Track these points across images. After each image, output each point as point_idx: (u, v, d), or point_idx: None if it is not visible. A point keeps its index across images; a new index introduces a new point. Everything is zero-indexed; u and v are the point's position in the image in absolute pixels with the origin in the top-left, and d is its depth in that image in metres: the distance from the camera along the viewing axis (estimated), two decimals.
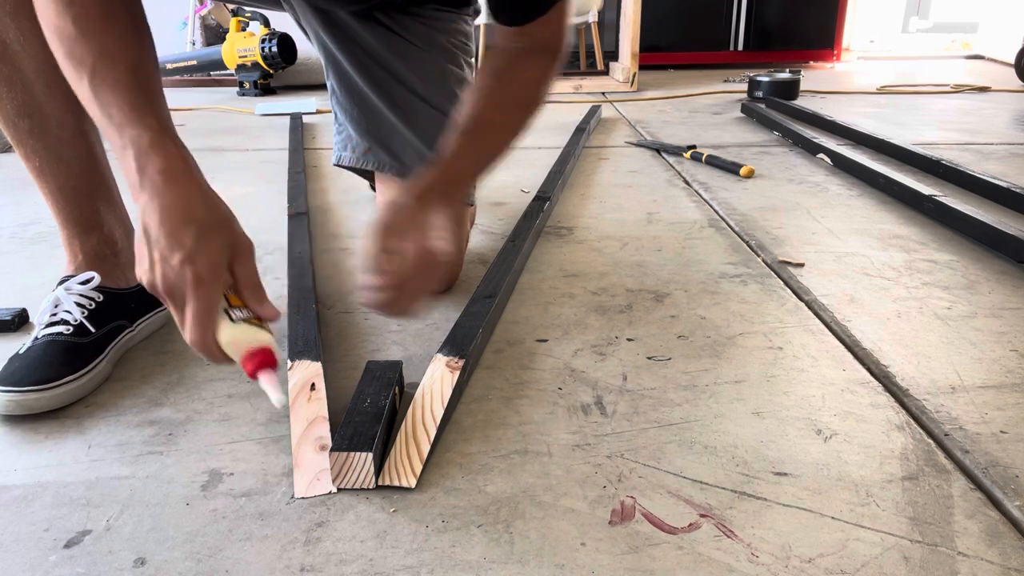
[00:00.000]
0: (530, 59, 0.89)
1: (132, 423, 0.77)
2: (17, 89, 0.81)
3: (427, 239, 0.72)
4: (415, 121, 1.09)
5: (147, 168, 0.65)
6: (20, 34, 0.79)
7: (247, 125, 2.57)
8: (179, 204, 0.64)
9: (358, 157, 1.11)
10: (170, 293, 0.63)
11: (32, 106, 0.82)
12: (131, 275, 0.94)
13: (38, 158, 0.85)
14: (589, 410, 0.78)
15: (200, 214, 0.65)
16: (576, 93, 3.25)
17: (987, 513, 0.62)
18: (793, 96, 2.82)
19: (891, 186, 1.56)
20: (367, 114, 1.12)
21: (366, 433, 0.67)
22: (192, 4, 3.84)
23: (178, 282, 0.63)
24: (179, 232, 0.63)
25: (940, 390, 0.82)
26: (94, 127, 0.90)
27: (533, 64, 0.89)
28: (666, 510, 0.63)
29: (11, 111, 0.82)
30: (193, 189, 0.66)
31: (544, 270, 1.18)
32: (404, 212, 0.74)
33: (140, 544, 0.60)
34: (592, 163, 1.91)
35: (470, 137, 0.84)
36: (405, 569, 0.57)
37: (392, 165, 1.08)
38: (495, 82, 0.88)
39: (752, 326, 0.97)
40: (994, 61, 4.30)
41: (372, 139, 1.10)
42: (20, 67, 0.81)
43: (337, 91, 1.15)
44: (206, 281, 0.63)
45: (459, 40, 1.16)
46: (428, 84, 1.10)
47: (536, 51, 0.89)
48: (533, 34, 0.87)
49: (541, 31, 0.87)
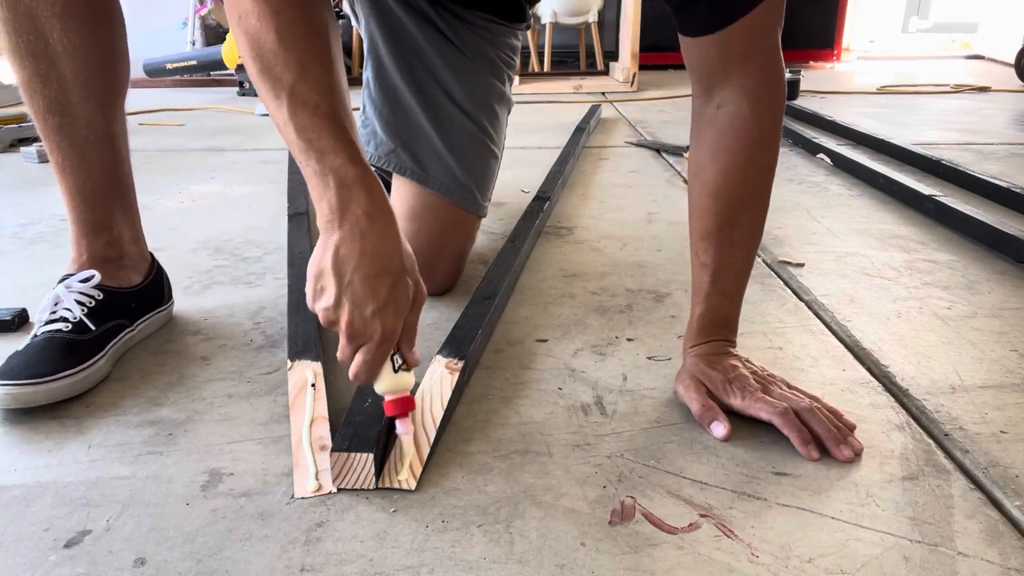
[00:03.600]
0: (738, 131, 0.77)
1: (132, 423, 0.77)
2: (52, 87, 0.82)
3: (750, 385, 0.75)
4: (447, 126, 1.07)
5: (350, 205, 0.64)
6: (64, 35, 0.80)
7: (247, 125, 2.57)
8: (380, 251, 0.64)
9: (380, 156, 1.09)
10: (352, 337, 0.64)
11: (64, 105, 0.83)
12: (134, 277, 0.94)
13: (61, 155, 0.86)
14: (589, 410, 0.78)
15: (397, 265, 0.65)
16: (576, 93, 3.25)
17: (987, 513, 0.62)
18: (793, 96, 2.82)
19: (891, 186, 1.56)
20: (397, 113, 1.09)
21: (366, 434, 0.67)
22: (192, 4, 3.85)
23: (365, 331, 0.63)
24: (376, 282, 0.63)
25: (940, 390, 0.82)
26: (123, 130, 0.90)
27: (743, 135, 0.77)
28: (666, 510, 0.63)
29: (42, 107, 0.83)
30: (393, 237, 0.66)
31: (544, 270, 1.18)
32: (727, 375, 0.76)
33: (140, 544, 0.60)
34: (592, 163, 1.91)
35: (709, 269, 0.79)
36: (405, 569, 0.57)
37: (414, 171, 1.07)
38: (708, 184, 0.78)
39: (752, 326, 0.97)
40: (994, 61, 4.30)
41: (398, 140, 1.08)
42: (59, 66, 0.81)
43: (371, 85, 1.11)
44: (390, 337, 0.64)
45: (506, 54, 1.15)
46: (467, 92, 1.09)
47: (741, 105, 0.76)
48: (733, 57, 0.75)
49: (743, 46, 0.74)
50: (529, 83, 3.55)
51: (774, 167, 0.80)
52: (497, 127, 1.13)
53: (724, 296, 0.80)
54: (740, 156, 0.77)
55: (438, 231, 1.06)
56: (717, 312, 0.80)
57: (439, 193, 1.06)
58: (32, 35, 0.80)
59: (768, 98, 0.77)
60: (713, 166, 0.78)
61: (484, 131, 1.10)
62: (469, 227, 1.11)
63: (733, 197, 0.78)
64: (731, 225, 0.78)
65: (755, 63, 0.76)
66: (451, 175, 1.06)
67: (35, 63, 0.81)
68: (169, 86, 3.58)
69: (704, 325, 0.80)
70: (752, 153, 0.77)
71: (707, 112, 0.79)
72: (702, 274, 0.80)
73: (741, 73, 0.76)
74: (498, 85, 1.14)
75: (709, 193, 0.78)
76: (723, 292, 0.80)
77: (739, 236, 0.79)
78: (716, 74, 0.77)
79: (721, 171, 0.78)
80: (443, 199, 1.06)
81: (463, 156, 1.07)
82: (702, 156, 0.79)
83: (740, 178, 0.78)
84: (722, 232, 0.78)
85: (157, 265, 0.99)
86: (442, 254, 1.07)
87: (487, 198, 1.12)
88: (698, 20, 0.76)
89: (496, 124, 1.13)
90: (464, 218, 1.08)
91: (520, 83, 3.57)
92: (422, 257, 1.06)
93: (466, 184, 1.07)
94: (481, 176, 1.09)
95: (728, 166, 0.77)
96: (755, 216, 0.80)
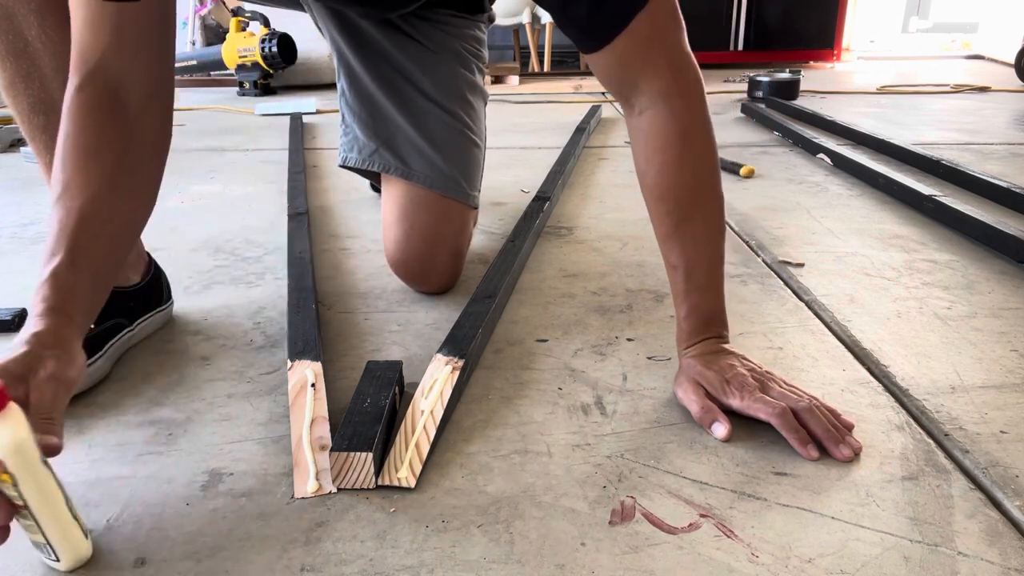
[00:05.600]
0: (666, 139, 0.79)
1: (132, 423, 0.77)
2: (35, 85, 0.82)
3: (748, 384, 0.75)
4: (423, 122, 1.09)
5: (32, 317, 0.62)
6: (43, 32, 0.80)
7: (247, 125, 2.57)
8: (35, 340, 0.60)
9: (364, 158, 1.11)
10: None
11: (48, 103, 0.83)
12: (132, 276, 0.94)
13: (50, 155, 0.86)
14: (589, 410, 0.78)
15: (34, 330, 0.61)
16: (576, 93, 3.25)
17: (987, 513, 0.62)
18: (793, 96, 2.82)
19: (891, 186, 1.56)
20: (375, 115, 1.11)
21: (366, 433, 0.67)
22: (192, 4, 3.85)
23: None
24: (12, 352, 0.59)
25: (940, 390, 0.82)
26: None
27: (671, 144, 0.79)
28: (666, 510, 0.63)
29: (27, 107, 0.83)
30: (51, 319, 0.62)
31: (544, 270, 1.18)
32: (714, 370, 0.77)
33: (140, 544, 0.60)
34: (592, 163, 1.91)
35: (680, 270, 0.80)
36: (405, 569, 0.57)
37: (398, 167, 1.08)
38: (652, 192, 0.81)
39: (752, 326, 0.97)
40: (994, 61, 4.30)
41: (379, 140, 1.10)
42: (39, 64, 0.81)
43: (347, 92, 1.14)
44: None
45: (472, 46, 1.16)
46: (439, 86, 1.10)
47: (662, 114, 0.78)
48: (633, 66, 0.77)
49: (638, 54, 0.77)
50: (529, 83, 3.55)
51: (711, 157, 0.81)
52: (474, 116, 1.14)
53: (702, 292, 0.81)
54: (671, 154, 0.79)
55: (430, 226, 1.06)
56: (700, 309, 0.81)
57: (425, 186, 1.07)
58: (11, 34, 0.79)
59: (681, 94, 0.78)
60: (650, 170, 0.80)
61: (461, 121, 1.11)
62: (461, 219, 1.10)
63: (679, 195, 0.80)
64: (688, 221, 0.79)
65: (657, 66, 0.78)
66: (434, 167, 1.07)
67: (16, 63, 0.81)
68: None
69: (692, 325, 0.81)
70: (681, 150, 0.79)
71: (632, 121, 0.82)
72: (675, 276, 0.81)
73: (647, 79, 0.78)
74: (468, 76, 1.14)
75: (656, 197, 0.81)
76: (700, 288, 0.81)
77: (699, 231, 0.80)
78: (625, 85, 0.80)
79: (659, 173, 0.80)
80: (430, 192, 1.07)
81: (443, 147, 1.08)
82: (640, 163, 0.82)
83: (678, 176, 0.79)
84: (681, 230, 0.80)
85: (156, 265, 0.99)
86: (438, 250, 1.07)
87: (475, 187, 1.12)
88: (584, 37, 0.79)
89: (472, 114, 1.13)
90: (454, 209, 1.08)
91: (520, 83, 3.57)
92: (418, 257, 1.08)
93: (450, 174, 1.08)
94: (465, 165, 1.10)
95: (663, 167, 0.79)
96: (709, 209, 0.81)
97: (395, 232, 1.07)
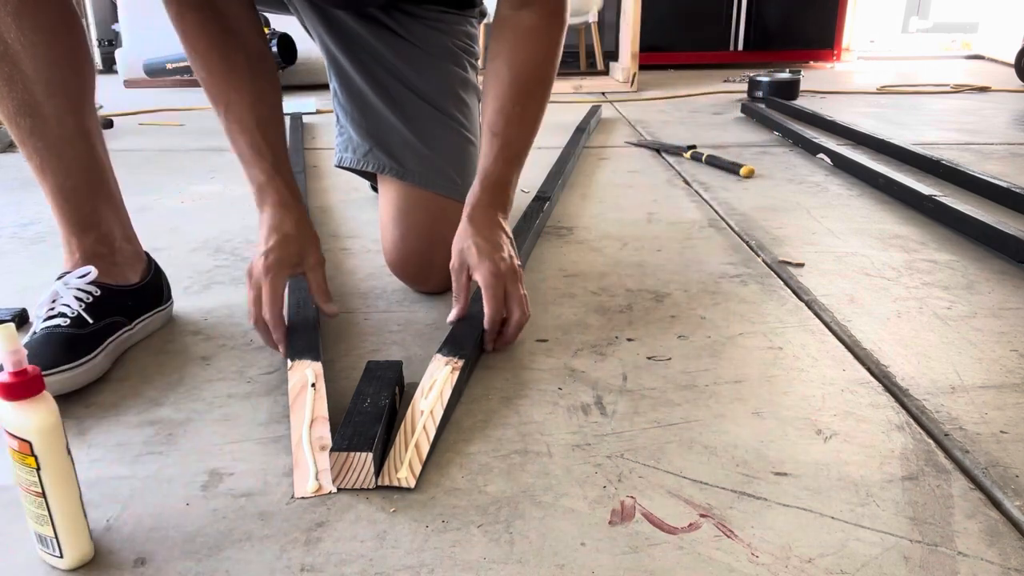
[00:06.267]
0: (536, 34, 0.93)
1: (132, 423, 0.77)
2: (18, 88, 0.81)
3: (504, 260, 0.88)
4: (415, 120, 1.09)
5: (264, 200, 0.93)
6: (21, 34, 0.79)
7: None
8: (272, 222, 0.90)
9: (359, 159, 1.11)
10: (248, 275, 0.87)
11: (32, 105, 0.82)
12: (130, 275, 0.94)
13: (39, 157, 0.85)
14: (589, 410, 0.78)
15: (286, 229, 0.90)
16: (576, 93, 3.25)
17: (987, 513, 0.62)
18: (793, 96, 2.82)
19: (891, 186, 1.56)
20: (367, 114, 1.12)
21: (366, 433, 0.67)
22: None
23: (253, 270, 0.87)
24: (268, 237, 0.89)
25: (940, 390, 0.82)
26: (96, 127, 0.90)
27: (540, 38, 0.94)
28: (666, 510, 0.63)
29: (12, 110, 0.82)
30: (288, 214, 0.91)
31: (544, 270, 1.18)
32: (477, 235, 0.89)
33: (140, 544, 0.60)
34: (592, 163, 1.91)
35: (500, 138, 0.92)
36: (405, 569, 0.57)
37: (392, 167, 1.08)
38: (507, 70, 0.93)
39: (752, 326, 0.97)
40: (994, 61, 4.30)
41: (372, 140, 1.10)
42: (20, 66, 0.80)
43: (339, 93, 1.15)
44: (273, 271, 0.86)
45: (463, 42, 1.16)
46: (429, 84, 1.10)
47: (540, 19, 0.93)
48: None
49: None
50: None
51: (557, 62, 0.97)
52: (467, 113, 1.14)
53: (507, 164, 0.93)
54: (539, 47, 0.94)
55: (427, 226, 1.06)
56: (501, 176, 0.92)
57: (420, 185, 1.07)
58: None
59: (558, 19, 0.95)
60: (518, 54, 0.93)
61: (453, 118, 1.11)
62: (458, 218, 1.10)
63: (530, 81, 0.94)
64: (523, 105, 0.93)
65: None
66: (428, 165, 1.07)
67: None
68: (169, 86, 3.57)
69: (486, 185, 0.92)
70: (547, 50, 0.95)
71: (513, 17, 0.94)
72: (492, 142, 0.92)
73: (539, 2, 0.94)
74: (460, 73, 1.15)
75: (510, 75, 0.93)
76: (507, 160, 0.93)
77: (528, 115, 0.94)
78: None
79: (526, 59, 0.94)
80: (425, 191, 1.07)
81: (437, 145, 1.08)
82: (505, 45, 0.94)
83: (536, 68, 0.94)
84: (515, 108, 0.92)
85: (155, 265, 0.99)
86: (436, 251, 1.06)
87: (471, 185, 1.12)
88: None
89: (465, 111, 1.14)
90: (451, 208, 1.08)
91: None
92: (417, 257, 1.08)
93: (445, 172, 1.08)
94: (459, 163, 1.10)
95: (532, 54, 0.94)
96: (540, 102, 0.96)
97: (392, 232, 1.07)
